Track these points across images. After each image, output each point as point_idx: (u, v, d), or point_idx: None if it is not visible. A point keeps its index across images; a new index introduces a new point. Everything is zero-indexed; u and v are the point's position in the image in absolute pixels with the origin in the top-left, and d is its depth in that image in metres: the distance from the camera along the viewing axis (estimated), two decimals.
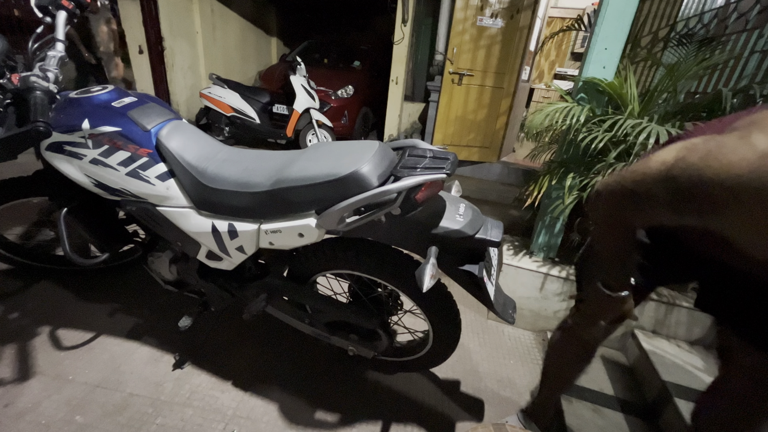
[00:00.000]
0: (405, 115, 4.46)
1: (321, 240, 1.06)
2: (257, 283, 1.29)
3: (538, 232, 1.97)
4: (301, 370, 1.50)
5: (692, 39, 2.15)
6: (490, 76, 3.48)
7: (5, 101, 1.08)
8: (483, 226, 1.02)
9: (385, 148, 1.03)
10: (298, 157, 1.06)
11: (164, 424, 1.24)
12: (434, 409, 1.42)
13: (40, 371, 1.36)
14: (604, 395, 1.55)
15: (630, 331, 1.80)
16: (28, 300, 1.67)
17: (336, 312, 1.29)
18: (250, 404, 1.34)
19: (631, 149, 1.51)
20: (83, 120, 1.09)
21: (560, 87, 1.96)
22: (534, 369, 1.69)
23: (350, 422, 1.33)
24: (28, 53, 1.14)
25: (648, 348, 1.66)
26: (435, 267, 0.93)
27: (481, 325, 1.91)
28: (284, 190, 0.99)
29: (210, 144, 1.20)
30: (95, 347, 1.49)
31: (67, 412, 1.24)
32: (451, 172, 0.91)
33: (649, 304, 1.75)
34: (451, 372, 1.59)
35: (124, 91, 1.22)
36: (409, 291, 1.18)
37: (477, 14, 3.26)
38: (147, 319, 1.65)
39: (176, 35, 4.68)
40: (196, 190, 1.10)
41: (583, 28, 2.39)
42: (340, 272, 1.28)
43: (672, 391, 1.43)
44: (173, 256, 1.31)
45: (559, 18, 5.85)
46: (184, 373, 1.43)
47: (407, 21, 3.85)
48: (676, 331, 1.76)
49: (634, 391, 1.60)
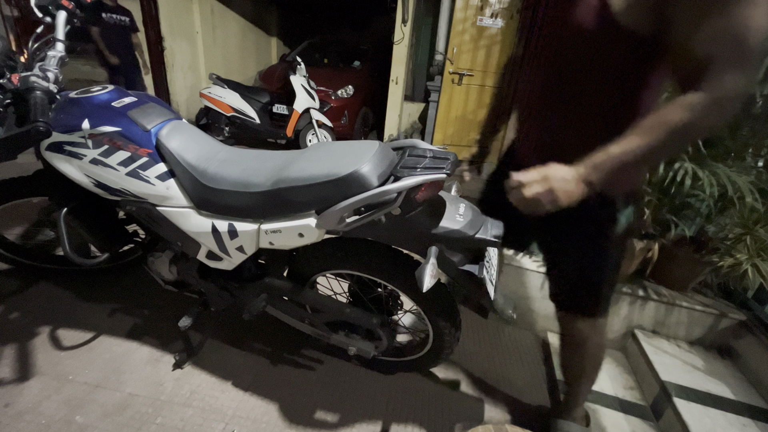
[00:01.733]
0: (405, 115, 4.47)
1: (321, 240, 1.06)
2: (257, 283, 1.29)
3: None
4: (300, 370, 1.50)
5: None
6: (490, 76, 3.48)
7: (5, 101, 1.08)
8: (483, 225, 1.02)
9: (385, 148, 1.03)
10: (298, 157, 1.06)
11: (164, 424, 1.24)
12: (434, 409, 1.42)
13: (40, 371, 1.36)
14: (604, 395, 1.55)
15: (630, 331, 1.80)
16: (28, 300, 1.67)
17: (336, 312, 1.29)
18: (250, 404, 1.34)
19: None
20: (83, 120, 1.09)
21: None
22: (534, 369, 1.69)
23: (350, 422, 1.33)
24: (27, 53, 1.14)
25: (648, 348, 1.66)
26: (435, 267, 0.93)
27: (481, 325, 1.91)
28: (284, 190, 0.99)
29: (210, 144, 1.20)
30: (95, 347, 1.49)
31: (67, 412, 1.24)
32: (451, 172, 0.91)
33: (649, 303, 1.75)
34: (451, 372, 1.59)
35: (124, 91, 1.22)
36: (409, 291, 1.18)
37: (477, 14, 3.27)
38: (147, 319, 1.65)
39: (176, 35, 4.68)
40: (196, 190, 1.11)
41: None
42: (340, 272, 1.28)
43: (672, 391, 1.43)
44: (173, 256, 1.31)
45: None
46: (184, 373, 1.43)
47: (407, 21, 3.85)
48: (676, 331, 1.76)
49: (634, 391, 1.60)
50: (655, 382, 1.52)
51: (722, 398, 1.44)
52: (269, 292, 1.30)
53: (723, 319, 1.69)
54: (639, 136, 0.70)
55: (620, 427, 1.42)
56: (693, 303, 1.72)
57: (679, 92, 0.69)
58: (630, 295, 1.76)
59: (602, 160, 0.73)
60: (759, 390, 1.50)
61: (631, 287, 1.79)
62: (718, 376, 1.56)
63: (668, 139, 0.69)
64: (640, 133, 0.70)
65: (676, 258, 1.76)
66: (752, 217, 1.48)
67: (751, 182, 1.41)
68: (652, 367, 1.56)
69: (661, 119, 0.69)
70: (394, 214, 0.94)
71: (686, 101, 0.67)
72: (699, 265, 1.69)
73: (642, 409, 1.51)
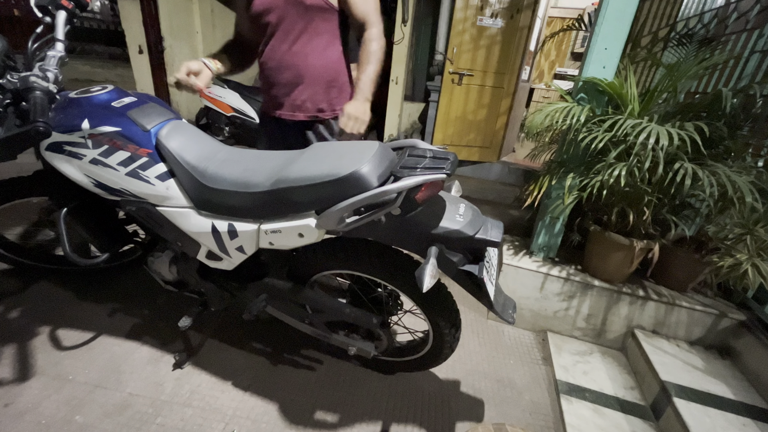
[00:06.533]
0: (405, 115, 4.46)
1: (321, 240, 1.06)
2: (257, 283, 1.29)
3: (538, 232, 1.97)
4: (300, 370, 1.50)
5: (692, 39, 2.15)
6: (490, 76, 3.48)
7: (5, 101, 1.08)
8: (483, 226, 1.02)
9: (385, 148, 1.03)
10: (298, 157, 1.06)
11: (164, 424, 1.24)
12: (434, 409, 1.42)
13: (40, 371, 1.36)
14: (604, 395, 1.55)
15: (630, 331, 1.80)
16: (28, 300, 1.67)
17: (336, 312, 1.29)
18: (250, 404, 1.34)
19: (631, 149, 1.51)
20: (83, 120, 1.09)
21: (560, 87, 1.96)
22: (534, 369, 1.69)
23: (350, 422, 1.33)
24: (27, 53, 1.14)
25: (648, 348, 1.66)
26: (435, 267, 0.93)
27: (481, 325, 1.91)
28: (284, 191, 0.99)
29: (210, 144, 1.20)
30: (95, 347, 1.49)
31: (67, 412, 1.24)
32: (451, 172, 0.91)
33: (649, 303, 1.75)
34: (451, 372, 1.59)
35: (124, 91, 1.22)
36: (409, 291, 1.18)
37: (477, 14, 3.26)
38: (147, 319, 1.65)
39: (176, 35, 4.68)
40: (195, 190, 1.10)
41: (583, 28, 2.39)
42: (340, 272, 1.28)
43: (672, 391, 1.43)
44: (173, 256, 1.31)
45: (559, 18, 5.85)
46: (184, 373, 1.43)
47: (407, 21, 3.84)
48: (676, 331, 1.76)
49: (634, 391, 1.60)
50: (655, 382, 1.52)
51: (722, 398, 1.44)
52: (269, 292, 1.30)
53: (723, 319, 1.69)
54: (372, 64, 1.29)
55: (620, 427, 1.42)
56: (693, 303, 1.72)
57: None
58: (630, 295, 1.76)
59: (368, 86, 1.28)
60: (759, 390, 1.50)
61: (631, 287, 1.79)
62: (718, 376, 1.56)
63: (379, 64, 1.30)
64: (372, 62, 1.29)
65: (676, 258, 1.76)
66: (752, 217, 1.48)
67: (751, 182, 1.41)
68: (652, 367, 1.56)
69: (372, 53, 1.29)
70: (394, 215, 0.94)
71: (373, 44, 1.29)
72: (699, 265, 1.69)
73: (642, 409, 1.51)
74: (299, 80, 1.35)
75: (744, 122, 1.61)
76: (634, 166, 1.50)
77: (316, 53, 1.33)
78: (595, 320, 1.85)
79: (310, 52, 1.33)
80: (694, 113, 1.64)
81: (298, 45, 1.31)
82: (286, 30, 1.29)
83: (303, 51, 1.32)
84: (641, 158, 1.47)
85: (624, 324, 1.81)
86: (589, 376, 1.64)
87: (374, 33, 1.30)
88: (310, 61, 1.33)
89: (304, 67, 1.33)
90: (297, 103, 1.39)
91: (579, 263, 1.95)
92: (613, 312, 1.81)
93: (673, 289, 1.81)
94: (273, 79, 1.37)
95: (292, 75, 1.34)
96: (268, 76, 1.39)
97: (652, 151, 1.42)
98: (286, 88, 1.37)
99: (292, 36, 1.30)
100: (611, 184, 1.53)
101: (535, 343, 1.86)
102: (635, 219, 1.65)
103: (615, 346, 1.85)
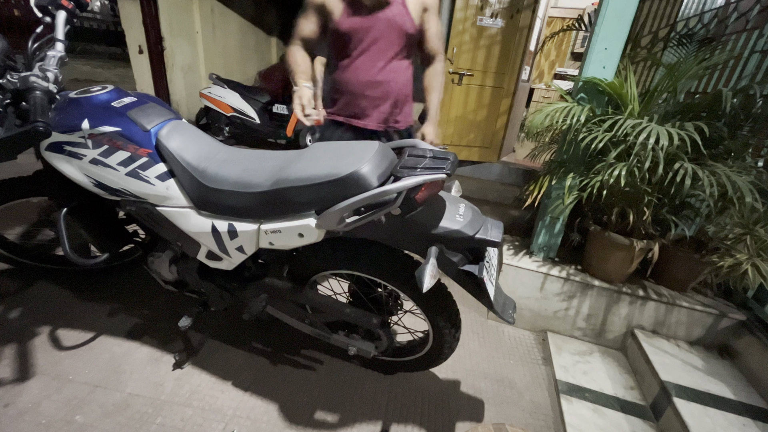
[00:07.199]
0: None
1: (321, 240, 1.06)
2: (257, 283, 1.29)
3: (538, 232, 1.97)
4: (300, 370, 1.50)
5: (692, 39, 2.15)
6: (490, 76, 3.47)
7: (5, 101, 1.08)
8: (483, 226, 1.02)
9: (385, 148, 1.03)
10: (298, 157, 1.06)
11: (164, 424, 1.24)
12: (434, 409, 1.42)
13: (40, 371, 1.36)
14: (604, 395, 1.55)
15: (630, 331, 1.80)
16: (28, 300, 1.67)
17: (336, 312, 1.29)
18: (250, 404, 1.34)
19: (631, 149, 1.51)
20: (83, 120, 1.09)
21: (560, 87, 1.96)
22: (534, 369, 1.69)
23: (350, 422, 1.33)
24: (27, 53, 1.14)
25: (648, 348, 1.66)
26: (435, 267, 0.93)
27: (481, 325, 1.91)
28: (284, 191, 0.99)
29: (210, 144, 1.20)
30: (95, 347, 1.49)
31: (67, 412, 1.24)
32: (451, 172, 0.91)
33: (649, 303, 1.75)
34: (451, 372, 1.59)
35: (124, 91, 1.22)
36: (409, 291, 1.18)
37: (477, 14, 3.26)
38: (147, 319, 1.65)
39: (176, 35, 4.67)
40: (195, 190, 1.10)
41: (583, 28, 2.39)
42: (340, 272, 1.28)
43: (672, 391, 1.43)
44: (173, 256, 1.31)
45: (559, 18, 5.84)
46: (184, 373, 1.43)
47: None
48: (676, 331, 1.76)
49: (634, 391, 1.60)
50: (655, 382, 1.52)
51: (722, 398, 1.44)
52: (269, 292, 1.30)
53: (723, 319, 1.69)
54: (440, 93, 1.51)
55: (620, 427, 1.42)
56: (693, 303, 1.72)
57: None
58: (630, 295, 1.76)
59: (437, 112, 1.52)
60: (759, 390, 1.50)
61: (631, 287, 1.79)
62: (718, 376, 1.56)
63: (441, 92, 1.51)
64: (440, 91, 1.52)
65: (676, 258, 1.76)
66: (752, 217, 1.48)
67: (751, 182, 1.41)
68: (652, 367, 1.56)
69: (441, 83, 1.51)
70: (394, 214, 0.94)
71: (442, 76, 1.51)
72: (699, 265, 1.68)
73: (642, 409, 1.51)
74: (388, 96, 1.47)
75: (744, 122, 1.61)
76: (634, 166, 1.50)
77: (401, 72, 1.47)
78: (595, 320, 1.85)
79: (399, 71, 1.46)
80: (694, 113, 1.64)
81: (393, 64, 1.43)
82: (383, 49, 1.40)
83: (395, 70, 1.44)
84: (641, 158, 1.47)
85: (624, 324, 1.81)
86: (589, 376, 1.64)
87: (442, 66, 1.51)
88: (399, 79, 1.47)
89: (394, 84, 1.46)
90: (383, 116, 1.50)
91: (579, 263, 1.95)
92: (613, 312, 1.81)
93: (673, 289, 1.81)
94: (359, 91, 1.45)
95: (382, 90, 1.45)
96: (352, 88, 1.45)
97: (652, 151, 1.42)
98: (376, 101, 1.47)
99: (389, 55, 1.41)
100: (611, 184, 1.53)
101: (535, 343, 1.86)
102: (635, 219, 1.65)
103: (615, 346, 1.85)
